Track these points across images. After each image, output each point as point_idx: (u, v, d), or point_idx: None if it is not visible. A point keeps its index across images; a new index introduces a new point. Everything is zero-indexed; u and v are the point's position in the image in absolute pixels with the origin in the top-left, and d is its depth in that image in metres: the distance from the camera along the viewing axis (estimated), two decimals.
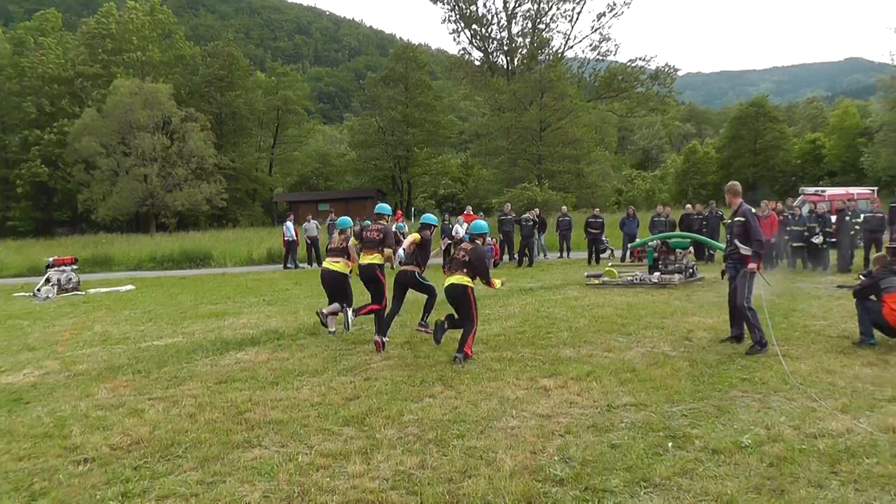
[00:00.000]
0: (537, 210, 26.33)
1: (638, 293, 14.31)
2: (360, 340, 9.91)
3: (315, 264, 26.38)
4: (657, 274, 16.08)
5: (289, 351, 9.38)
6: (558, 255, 25.83)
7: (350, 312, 10.13)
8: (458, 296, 8.60)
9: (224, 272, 25.19)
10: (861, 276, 9.16)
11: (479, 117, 67.51)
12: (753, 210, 8.42)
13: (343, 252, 10.46)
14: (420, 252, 9.63)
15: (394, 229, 11.15)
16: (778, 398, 6.40)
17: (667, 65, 53.27)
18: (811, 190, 27.69)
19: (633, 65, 53.41)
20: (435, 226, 10.11)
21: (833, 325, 9.95)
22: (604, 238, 23.87)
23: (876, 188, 30.00)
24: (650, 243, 17.30)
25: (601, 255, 23.25)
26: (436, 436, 5.63)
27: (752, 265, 8.42)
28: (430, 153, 63.98)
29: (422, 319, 9.80)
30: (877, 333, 8.49)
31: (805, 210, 20.11)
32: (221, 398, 7.06)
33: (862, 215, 18.29)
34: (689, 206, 23.91)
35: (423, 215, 10.36)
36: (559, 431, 5.63)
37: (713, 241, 19.39)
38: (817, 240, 17.77)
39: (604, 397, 6.52)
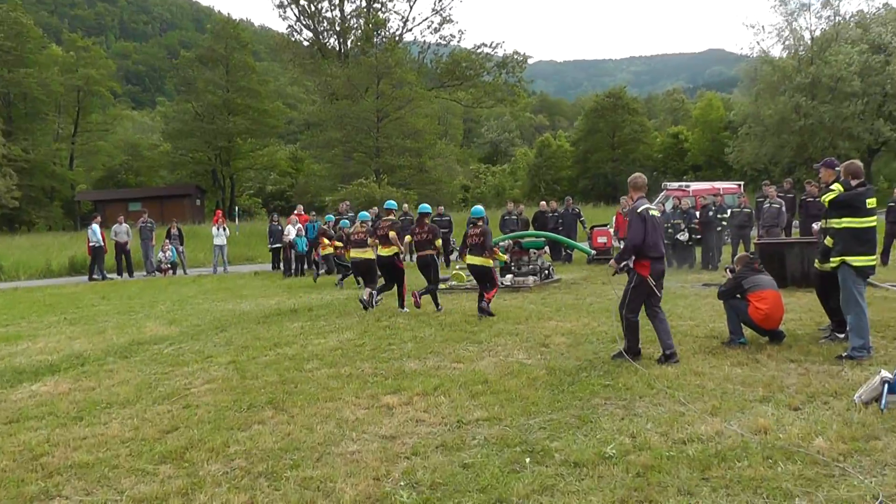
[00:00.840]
0: (375, 209, 26.32)
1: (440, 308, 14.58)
2: (179, 363, 9.47)
3: (126, 274, 25.15)
4: (510, 276, 16.46)
5: (95, 378, 8.80)
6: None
7: (375, 294, 13.60)
8: (482, 272, 12.49)
9: (16, 287, 23.43)
10: (727, 271, 9.73)
11: (310, 105, 66.87)
12: (641, 208, 8.55)
13: (365, 243, 13.80)
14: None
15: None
16: (644, 404, 6.61)
17: (516, 52, 54.73)
18: (675, 185, 29.15)
19: (479, 51, 54.50)
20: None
21: (701, 324, 10.47)
22: (451, 239, 24.20)
23: (742, 182, 32.05)
24: (501, 243, 17.65)
25: (449, 258, 23.56)
26: (266, 468, 5.42)
27: (612, 262, 8.70)
28: (256, 144, 62.77)
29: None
30: (747, 332, 9.01)
31: (668, 206, 21.24)
32: (12, 441, 6.46)
33: (729, 210, 19.48)
34: (543, 203, 24.73)
35: (388, 202, 14.27)
36: (405, 453, 5.57)
37: (570, 241, 20.09)
38: (682, 237, 18.77)
39: (454, 413, 6.52)
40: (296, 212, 25.44)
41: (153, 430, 6.56)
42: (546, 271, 17.00)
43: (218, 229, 26.06)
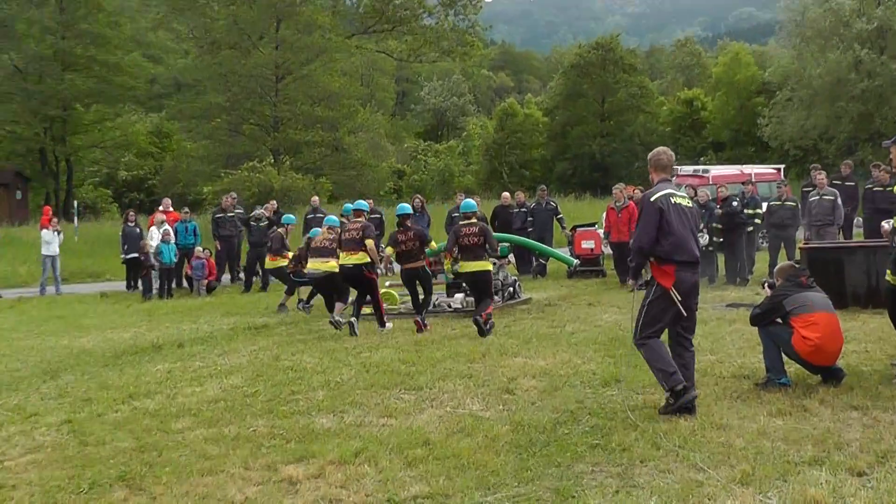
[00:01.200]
0: (274, 203, 26.21)
1: (431, 326, 14.60)
2: None
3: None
4: (460, 296, 16.47)
5: None
6: None
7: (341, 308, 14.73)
8: (483, 280, 14.09)
9: None
10: (764, 286, 9.76)
11: (181, 58, 66.31)
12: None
13: (332, 252, 14.94)
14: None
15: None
16: (646, 471, 6.62)
17: None
18: (688, 169, 29.28)
19: None
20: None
21: (725, 360, 10.54)
22: (381, 245, 24.19)
23: (783, 166, 32.12)
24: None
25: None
26: None
27: (630, 281, 8.75)
28: (103, 113, 61.90)
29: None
30: (791, 368, 9.08)
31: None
32: None
33: (764, 205, 19.63)
34: (505, 194, 24.82)
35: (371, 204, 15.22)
36: None
37: (545, 246, 20.13)
38: (702, 239, 18.82)
39: (382, 488, 6.51)
40: (160, 208, 25.23)
41: None
42: (510, 289, 17.05)
43: (47, 233, 25.68)
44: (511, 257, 18.33)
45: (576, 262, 20.54)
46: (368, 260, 14.40)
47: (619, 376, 9.70)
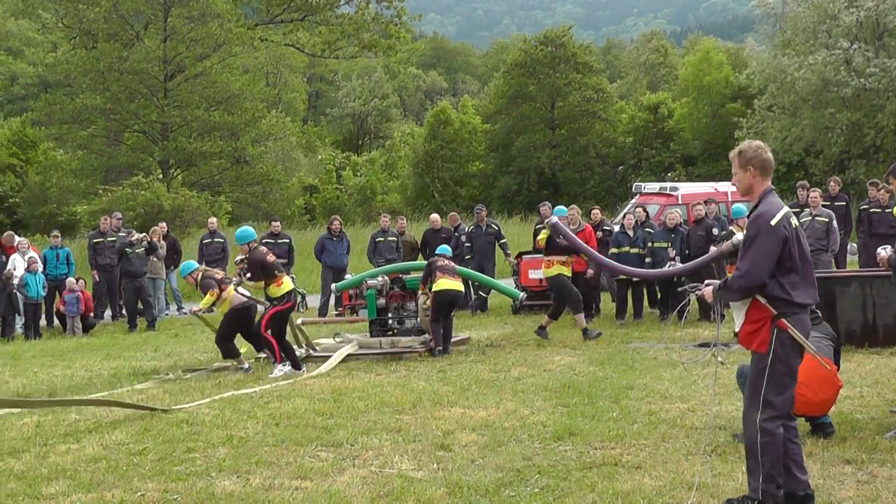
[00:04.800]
0: (163, 226, 26.09)
1: (351, 370, 14.64)
2: None
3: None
4: (388, 337, 16.52)
5: None
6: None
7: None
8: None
9: None
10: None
11: (49, 52, 65.74)
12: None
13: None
14: None
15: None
16: None
17: None
18: (654, 186, 29.51)
19: None
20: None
21: (697, 408, 10.69)
22: (290, 275, 24.19)
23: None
24: (371, 281, 17.69)
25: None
26: None
27: (707, 290, 7.80)
28: None
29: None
30: None
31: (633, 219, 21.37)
32: None
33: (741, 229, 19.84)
34: (434, 216, 24.94)
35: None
36: None
37: (485, 277, 20.13)
38: (673, 267, 18.99)
39: None
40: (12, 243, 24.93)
41: None
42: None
43: None
44: None
45: (522, 294, 20.31)
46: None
47: (573, 429, 9.82)
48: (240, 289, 16.02)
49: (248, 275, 15.45)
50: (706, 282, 7.44)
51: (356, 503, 7.71)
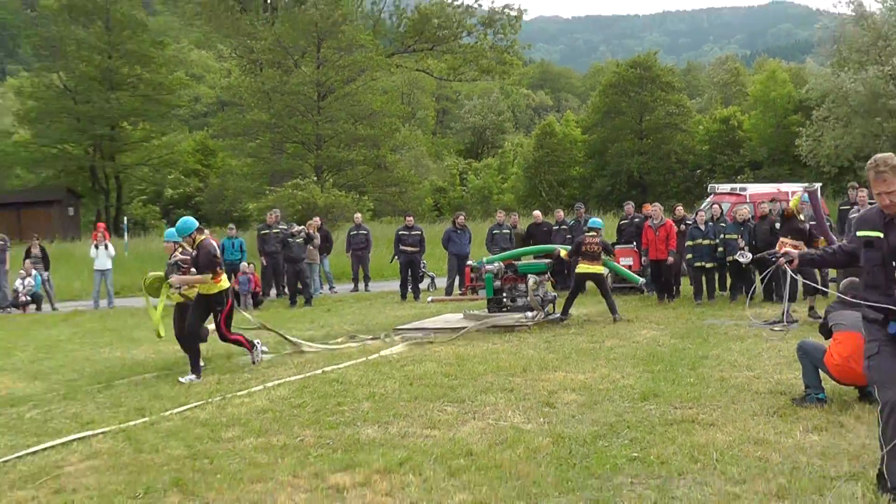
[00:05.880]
0: (317, 220, 26.34)
1: (471, 340, 14.64)
2: (47, 432, 9.43)
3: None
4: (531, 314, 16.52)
5: None
6: (351, 286, 25.98)
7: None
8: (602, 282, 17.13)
9: None
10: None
11: (224, 76, 66.56)
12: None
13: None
14: None
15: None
16: (685, 483, 6.64)
17: (507, 6, 54.89)
18: (726, 187, 29.10)
19: (457, 3, 54.65)
20: None
21: (762, 376, 10.50)
22: (422, 261, 24.28)
23: (819, 185, 32.06)
24: (489, 266, 17.64)
25: (418, 286, 23.62)
26: None
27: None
28: (150, 131, 62.39)
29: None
30: (829, 386, 9.05)
31: (707, 215, 21.12)
32: None
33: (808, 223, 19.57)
34: (536, 213, 24.92)
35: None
36: None
37: (612, 263, 19.81)
38: (743, 258, 18.68)
39: (427, 496, 6.55)
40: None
41: None
42: (550, 305, 17.08)
43: (98, 248, 25.94)
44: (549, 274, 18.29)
45: (642, 280, 20.24)
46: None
47: (656, 391, 9.76)
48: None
49: (194, 269, 12.59)
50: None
51: (476, 449, 7.70)
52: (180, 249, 13.29)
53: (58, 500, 7.02)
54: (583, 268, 16.91)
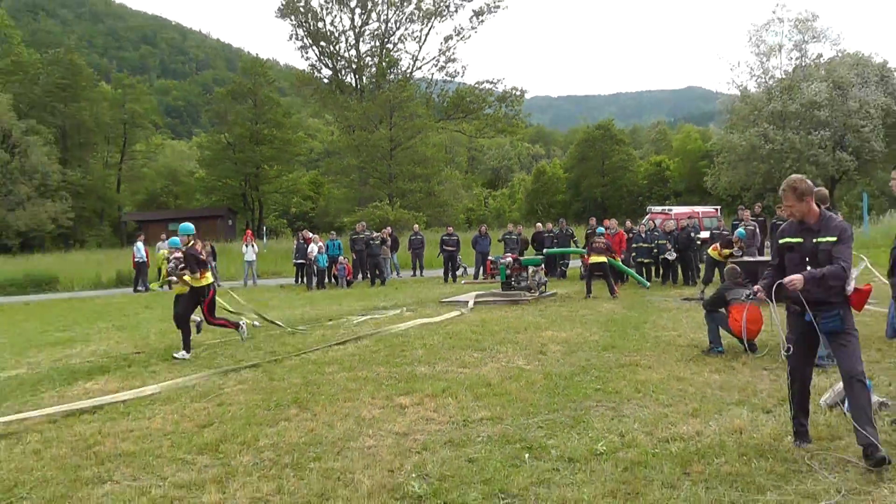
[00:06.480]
0: (389, 229, 26.40)
1: (491, 309, 14.58)
2: (213, 365, 9.52)
3: (166, 286, 25.22)
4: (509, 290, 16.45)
5: (140, 378, 8.91)
6: (411, 273, 25.98)
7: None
8: (605, 269, 16.19)
9: (71, 297, 23.68)
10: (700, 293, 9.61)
11: (329, 135, 67.05)
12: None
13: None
14: None
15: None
16: (631, 406, 6.61)
17: (514, 87, 54.71)
18: (658, 209, 29.09)
19: (482, 87, 54.58)
20: None
21: (682, 335, 10.42)
22: (458, 257, 24.22)
23: (719, 206, 32.10)
24: (502, 259, 17.75)
25: (456, 273, 23.59)
26: (292, 460, 5.46)
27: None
28: (280, 170, 62.92)
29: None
30: (727, 341, 9.03)
31: (646, 227, 21.01)
32: (69, 432, 6.57)
33: (709, 232, 19.54)
34: (539, 224, 24.80)
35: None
36: (416, 448, 5.59)
37: (626, 268, 18.95)
38: (670, 256, 18.69)
39: (460, 413, 6.54)
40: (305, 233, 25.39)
41: (191, 424, 6.62)
42: (542, 286, 16.99)
43: (247, 247, 26.19)
44: (542, 265, 18.13)
45: (648, 284, 18.37)
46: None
47: (613, 344, 9.69)
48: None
49: (182, 266, 10.68)
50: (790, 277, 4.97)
51: (493, 381, 7.68)
52: (177, 254, 10.95)
53: (219, 409, 7.11)
54: (593, 259, 16.34)
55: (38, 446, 6.21)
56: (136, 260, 25.15)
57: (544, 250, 20.03)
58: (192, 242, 10.76)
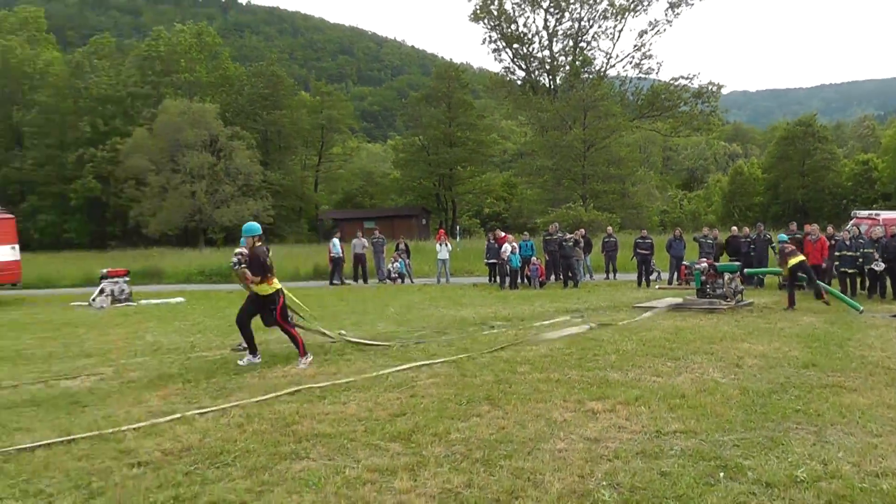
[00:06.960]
0: (582, 230, 26.14)
1: (686, 317, 14.09)
2: (407, 358, 9.90)
3: (361, 281, 26.58)
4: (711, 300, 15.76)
5: (336, 366, 9.50)
6: (604, 276, 25.58)
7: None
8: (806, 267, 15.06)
9: None
10: None
11: (522, 136, 67.55)
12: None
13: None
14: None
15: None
16: (835, 431, 6.17)
17: (710, 83, 52.55)
18: (864, 213, 26.83)
19: (676, 83, 52.82)
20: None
21: (893, 356, 9.60)
22: (652, 261, 23.54)
23: None
24: (697, 265, 17.03)
25: (649, 278, 22.95)
26: (483, 455, 5.60)
27: None
28: (474, 171, 64.14)
29: None
30: None
31: (850, 233, 19.23)
32: (269, 410, 7.18)
33: None
34: (734, 228, 23.55)
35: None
36: (607, 456, 5.55)
37: (838, 293, 16.64)
38: (878, 266, 17.12)
39: (652, 423, 6.41)
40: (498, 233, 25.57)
41: (384, 412, 6.96)
42: (739, 295, 16.17)
43: (441, 245, 26.89)
44: (739, 273, 17.18)
45: (861, 308, 15.43)
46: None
47: (814, 362, 9.07)
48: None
49: (245, 265, 9.75)
50: None
51: (687, 393, 7.45)
52: (242, 249, 10.10)
53: (412, 400, 7.41)
54: (792, 261, 15.29)
55: (241, 420, 6.84)
56: (332, 255, 26.57)
57: (745, 270, 18.73)
58: (258, 243, 9.76)
